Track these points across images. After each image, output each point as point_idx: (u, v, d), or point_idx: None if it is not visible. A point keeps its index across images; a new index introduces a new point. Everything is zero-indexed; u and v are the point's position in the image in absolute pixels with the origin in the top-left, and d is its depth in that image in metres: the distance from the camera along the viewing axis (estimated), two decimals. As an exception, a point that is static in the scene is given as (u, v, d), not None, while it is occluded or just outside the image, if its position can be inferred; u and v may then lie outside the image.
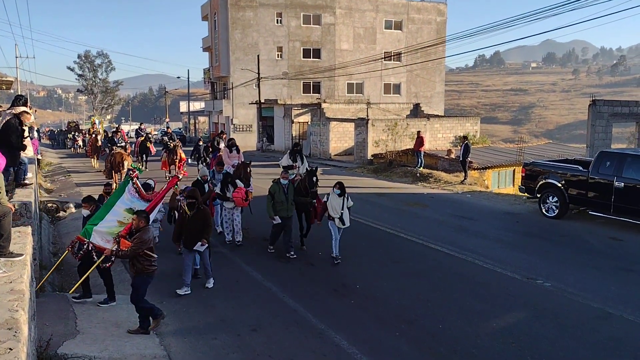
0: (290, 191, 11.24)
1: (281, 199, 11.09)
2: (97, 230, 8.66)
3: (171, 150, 22.41)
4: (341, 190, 10.77)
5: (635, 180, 13.12)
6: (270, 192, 11.19)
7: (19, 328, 4.37)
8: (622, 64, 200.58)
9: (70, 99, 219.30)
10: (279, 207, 11.06)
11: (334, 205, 10.81)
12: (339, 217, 10.73)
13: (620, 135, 66.51)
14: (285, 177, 11.36)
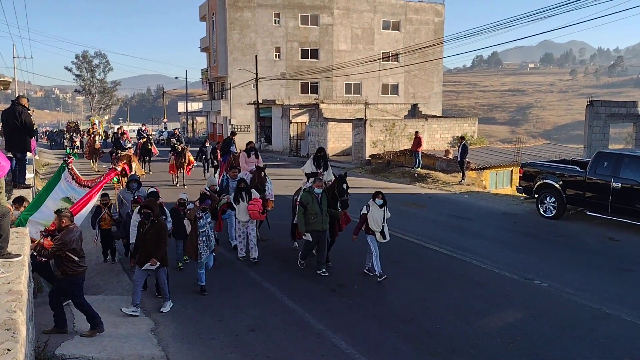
0: (324, 201, 10.02)
1: (315, 210, 9.88)
2: (32, 220, 8.08)
3: (179, 153, 21.21)
4: (383, 200, 9.79)
5: (633, 180, 13.15)
6: (302, 203, 10.00)
7: (17, 329, 4.37)
8: (619, 65, 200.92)
9: (68, 99, 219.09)
10: (312, 220, 9.90)
11: (375, 217, 9.71)
12: (380, 231, 9.69)
13: (618, 135, 66.61)
14: (319, 186, 10.04)
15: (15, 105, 10.28)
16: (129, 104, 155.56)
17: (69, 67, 76.98)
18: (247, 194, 10.73)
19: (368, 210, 9.75)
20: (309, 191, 10.07)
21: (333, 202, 10.36)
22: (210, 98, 57.31)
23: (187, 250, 9.08)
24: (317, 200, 9.95)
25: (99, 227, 11.02)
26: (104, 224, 10.99)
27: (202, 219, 9.00)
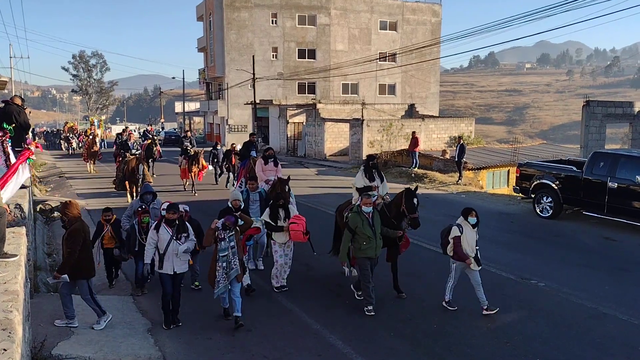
0: (377, 222, 8.30)
1: (367, 233, 8.09)
2: None
3: (192, 158, 19.51)
4: (477, 219, 8.19)
5: (629, 180, 13.20)
6: (350, 226, 8.23)
7: (14, 329, 4.36)
8: (615, 65, 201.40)
9: (65, 99, 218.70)
10: (364, 246, 8.12)
11: (468, 240, 8.11)
12: (474, 256, 8.13)
13: (614, 135, 66.80)
14: (368, 204, 8.24)
15: (10, 105, 10.27)
16: (126, 104, 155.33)
17: (65, 67, 76.94)
18: (286, 211, 9.09)
19: (461, 231, 8.14)
20: (357, 211, 8.25)
21: (396, 221, 8.74)
22: (207, 98, 57.31)
23: (208, 277, 7.82)
24: (368, 221, 8.17)
25: (101, 246, 9.58)
26: (105, 243, 9.55)
27: (224, 241, 7.52)
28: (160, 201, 9.88)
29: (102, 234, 9.49)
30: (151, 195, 9.94)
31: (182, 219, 7.92)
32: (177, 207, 7.87)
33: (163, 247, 7.60)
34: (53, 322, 7.44)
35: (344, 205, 10.03)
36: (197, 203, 16.35)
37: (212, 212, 12.82)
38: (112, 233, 9.49)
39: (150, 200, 9.78)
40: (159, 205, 9.47)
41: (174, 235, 7.60)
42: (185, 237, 7.72)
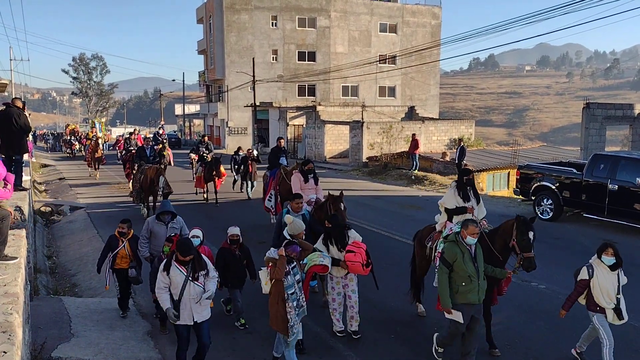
0: (480, 257, 6.40)
1: (469, 270, 6.20)
2: None
3: (210, 164, 17.57)
4: (616, 258, 6.60)
5: (629, 182, 13.19)
6: (446, 260, 6.32)
7: (13, 331, 4.36)
8: (615, 67, 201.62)
9: (65, 101, 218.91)
10: (463, 287, 6.21)
11: (603, 284, 6.51)
12: (613, 307, 6.44)
13: (614, 137, 66.87)
14: (475, 234, 6.24)
15: (11, 108, 10.27)
16: (126, 106, 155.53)
17: (65, 70, 76.93)
18: (339, 238, 7.35)
19: (591, 274, 6.57)
20: (456, 240, 6.33)
21: (501, 259, 6.80)
22: (207, 100, 57.36)
23: (273, 322, 6.20)
24: (470, 255, 6.26)
25: (112, 265, 8.03)
26: (120, 262, 8.03)
27: (289, 275, 6.13)
28: (180, 221, 8.38)
29: (116, 251, 7.96)
30: (169, 214, 8.26)
31: (197, 251, 6.32)
32: (190, 245, 6.16)
33: (177, 293, 6.00)
34: (53, 325, 7.43)
35: (424, 233, 8.12)
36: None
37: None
38: (129, 251, 7.99)
39: (168, 221, 8.20)
40: (179, 225, 8.23)
41: (190, 275, 6.03)
42: (204, 275, 6.12)
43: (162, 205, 8.48)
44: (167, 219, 8.21)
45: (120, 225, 8.09)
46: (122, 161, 22.94)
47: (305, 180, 10.46)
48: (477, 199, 7.81)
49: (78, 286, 10.57)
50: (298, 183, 10.49)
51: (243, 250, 7.92)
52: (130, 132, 28.72)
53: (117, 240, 8.04)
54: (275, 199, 13.50)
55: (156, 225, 8.16)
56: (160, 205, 8.31)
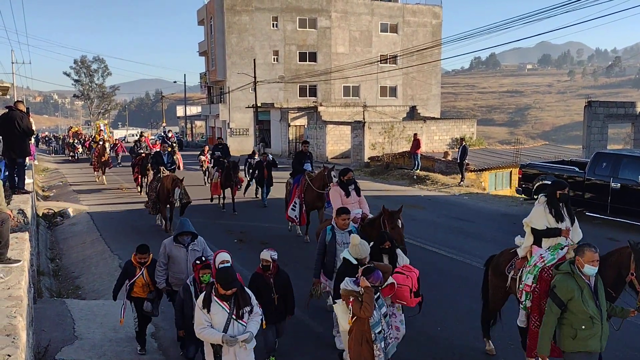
0: (602, 292, 5.11)
1: (591, 310, 4.92)
2: None
3: (228, 170, 16.34)
4: None
5: (632, 180, 13.18)
6: (558, 297, 5.00)
7: (17, 334, 4.37)
8: (617, 65, 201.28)
9: (67, 104, 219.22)
10: (583, 332, 4.93)
11: None
12: None
13: (616, 136, 66.71)
14: (594, 262, 4.95)
15: (13, 111, 10.30)
16: (127, 108, 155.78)
17: (67, 72, 77.09)
18: (391, 258, 6.40)
19: None
20: (572, 272, 5.01)
21: (614, 295, 5.57)
22: (208, 102, 57.40)
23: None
24: (591, 291, 4.98)
25: (130, 294, 7.02)
26: (137, 291, 7.02)
27: (374, 310, 5.15)
28: (202, 242, 7.20)
29: (133, 280, 7.00)
30: (189, 235, 7.11)
31: (240, 284, 5.33)
32: (234, 276, 5.18)
33: None
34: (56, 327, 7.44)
35: (503, 259, 6.70)
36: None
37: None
38: (147, 279, 7.02)
39: (188, 242, 7.07)
40: (200, 247, 7.11)
41: (233, 312, 5.11)
42: (249, 312, 5.24)
43: (180, 225, 7.15)
44: (186, 241, 7.04)
45: (139, 256, 7.01)
46: (131, 165, 22.06)
47: (346, 193, 8.78)
48: (572, 218, 6.37)
49: (81, 288, 10.60)
50: (339, 198, 8.72)
51: (280, 277, 6.54)
52: (139, 134, 27.69)
53: (134, 267, 7.03)
54: (299, 207, 12.38)
55: (174, 248, 7.00)
56: (178, 225, 7.13)
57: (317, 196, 11.88)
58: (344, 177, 8.94)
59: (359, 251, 5.91)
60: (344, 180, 8.92)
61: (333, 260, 6.93)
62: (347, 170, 9.21)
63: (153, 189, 14.36)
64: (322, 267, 7.11)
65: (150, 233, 14.32)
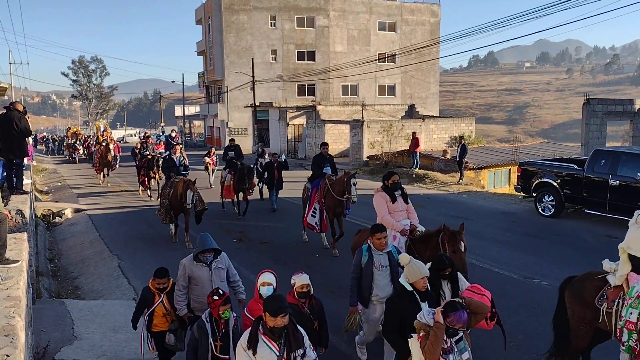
0: None
1: None
2: None
3: (242, 173, 15.40)
4: None
5: (630, 178, 13.18)
6: None
7: (16, 334, 4.35)
8: (615, 63, 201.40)
9: (65, 104, 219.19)
10: None
11: None
12: None
13: (615, 133, 66.78)
14: None
15: (11, 112, 10.29)
16: (126, 108, 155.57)
17: (65, 73, 77.04)
18: (453, 285, 5.47)
19: None
20: None
21: None
22: (207, 101, 57.37)
23: None
24: None
25: (149, 326, 6.09)
26: (157, 323, 6.05)
27: (451, 354, 4.43)
28: (225, 259, 6.24)
29: (152, 309, 6.03)
30: (212, 252, 6.08)
31: (292, 320, 4.51)
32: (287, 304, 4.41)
33: None
34: (56, 328, 7.43)
35: (588, 286, 5.62)
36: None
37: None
38: (168, 307, 6.03)
39: (210, 260, 6.07)
40: (225, 264, 6.19)
41: (283, 355, 4.32)
42: (302, 355, 4.44)
43: (201, 241, 6.09)
44: (208, 259, 6.04)
45: (157, 281, 6.02)
46: (137, 167, 21.28)
47: (392, 199, 7.65)
48: None
49: (80, 289, 10.58)
50: (384, 205, 7.58)
51: (316, 305, 5.61)
52: (144, 135, 26.54)
53: (153, 294, 6.04)
54: (320, 214, 11.60)
55: (195, 268, 6.00)
56: (198, 241, 6.12)
57: (337, 202, 11.23)
58: (388, 181, 7.81)
59: (413, 273, 5.00)
60: (388, 184, 7.79)
61: (369, 286, 6.09)
62: (391, 173, 8.01)
63: (165, 195, 13.13)
64: (363, 294, 6.19)
65: (151, 234, 14.31)
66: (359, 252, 6.31)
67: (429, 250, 6.44)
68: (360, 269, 6.22)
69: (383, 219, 7.35)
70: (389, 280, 6.07)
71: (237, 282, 6.28)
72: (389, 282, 6.06)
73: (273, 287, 5.36)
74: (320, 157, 12.57)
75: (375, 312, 6.14)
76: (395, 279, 5.88)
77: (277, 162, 16.62)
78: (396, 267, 6.01)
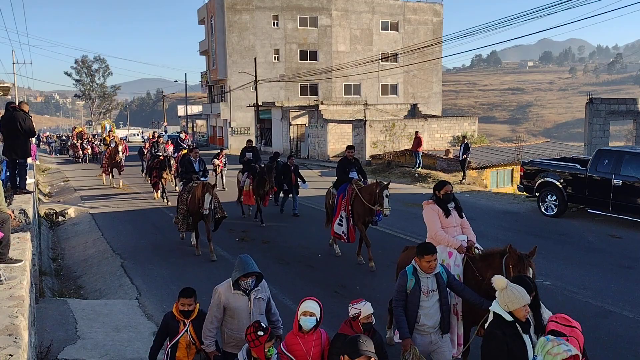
0: None
1: None
2: None
3: (261, 176, 14.46)
4: None
5: (633, 177, 13.16)
6: None
7: (19, 334, 4.37)
8: (618, 62, 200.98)
9: (68, 104, 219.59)
10: None
11: None
12: None
13: (618, 132, 66.65)
14: None
15: (17, 111, 10.31)
16: (129, 108, 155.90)
17: (68, 72, 77.21)
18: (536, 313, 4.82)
19: None
20: None
21: None
22: (209, 101, 57.44)
23: None
24: None
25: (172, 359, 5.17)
26: (180, 356, 5.16)
27: None
28: (267, 287, 5.29)
29: (176, 339, 5.16)
30: (254, 277, 5.10)
31: None
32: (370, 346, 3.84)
33: None
34: (59, 327, 7.44)
35: None
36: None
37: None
38: (194, 337, 5.15)
39: (251, 287, 5.08)
40: (265, 293, 5.24)
41: None
42: None
43: (241, 264, 5.02)
44: (250, 285, 5.05)
45: (182, 301, 5.14)
46: (148, 169, 20.62)
47: (445, 213, 6.71)
48: None
49: (83, 288, 10.60)
50: (437, 220, 6.65)
51: (375, 339, 4.48)
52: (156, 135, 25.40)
53: (177, 321, 5.16)
54: (347, 222, 10.81)
55: (233, 297, 5.02)
56: (237, 263, 5.04)
57: (367, 210, 10.43)
58: (440, 192, 6.74)
59: (512, 299, 4.24)
60: (440, 195, 6.74)
61: (415, 314, 5.32)
62: (443, 183, 6.90)
63: (183, 201, 12.05)
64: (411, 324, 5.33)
65: (154, 233, 14.33)
66: (402, 276, 5.45)
67: (491, 270, 5.63)
68: (405, 295, 5.36)
69: (436, 235, 6.48)
70: (437, 307, 5.35)
71: (277, 314, 5.48)
72: (438, 309, 5.35)
73: (316, 318, 4.66)
74: (345, 161, 11.55)
75: (423, 344, 5.31)
76: (443, 304, 5.35)
77: (294, 166, 15.94)
78: (445, 290, 5.42)
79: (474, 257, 6.16)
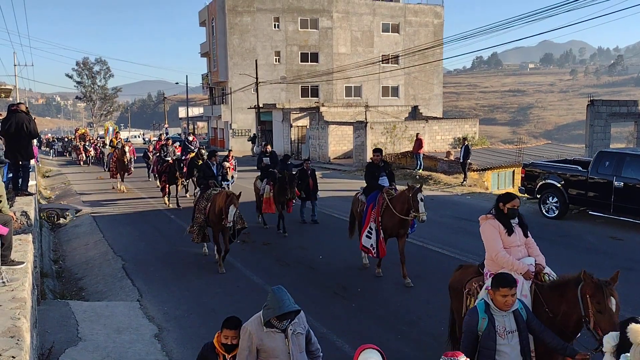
0: None
1: None
2: None
3: (282, 183, 13.58)
4: None
5: (635, 179, 13.16)
6: None
7: (21, 336, 4.37)
8: (619, 64, 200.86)
9: (69, 106, 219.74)
10: None
11: None
12: None
13: (619, 134, 66.60)
14: None
15: (20, 113, 10.26)
16: (130, 110, 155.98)
17: (69, 74, 77.25)
18: None
19: None
20: None
21: None
22: (210, 103, 57.47)
23: None
24: None
25: None
26: None
27: None
28: (303, 319, 4.62)
29: None
30: (293, 314, 4.36)
31: None
32: None
33: None
34: (60, 329, 7.45)
35: None
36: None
37: None
38: None
39: (287, 325, 4.36)
40: (304, 327, 4.57)
41: None
42: None
43: (276, 301, 4.27)
44: (284, 324, 4.32)
45: (226, 333, 4.44)
46: (158, 173, 20.20)
47: (508, 230, 5.57)
48: None
49: (85, 290, 10.61)
50: (498, 238, 5.53)
51: None
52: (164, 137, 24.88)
53: (216, 354, 4.50)
54: (376, 235, 9.80)
55: (266, 336, 4.30)
56: (271, 299, 4.30)
57: (399, 221, 9.54)
58: (505, 205, 5.61)
59: None
60: (505, 209, 5.62)
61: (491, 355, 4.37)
62: (511, 196, 5.73)
63: (201, 209, 11.13)
64: None
65: (155, 235, 14.34)
66: (472, 314, 4.50)
67: (565, 304, 4.68)
68: (476, 338, 4.40)
69: (497, 257, 5.39)
70: (517, 352, 4.38)
71: (316, 343, 4.77)
72: (518, 355, 4.38)
73: None
74: (373, 165, 10.52)
75: None
76: (524, 347, 4.40)
77: (310, 170, 15.12)
78: (526, 330, 4.47)
79: (542, 285, 5.12)
